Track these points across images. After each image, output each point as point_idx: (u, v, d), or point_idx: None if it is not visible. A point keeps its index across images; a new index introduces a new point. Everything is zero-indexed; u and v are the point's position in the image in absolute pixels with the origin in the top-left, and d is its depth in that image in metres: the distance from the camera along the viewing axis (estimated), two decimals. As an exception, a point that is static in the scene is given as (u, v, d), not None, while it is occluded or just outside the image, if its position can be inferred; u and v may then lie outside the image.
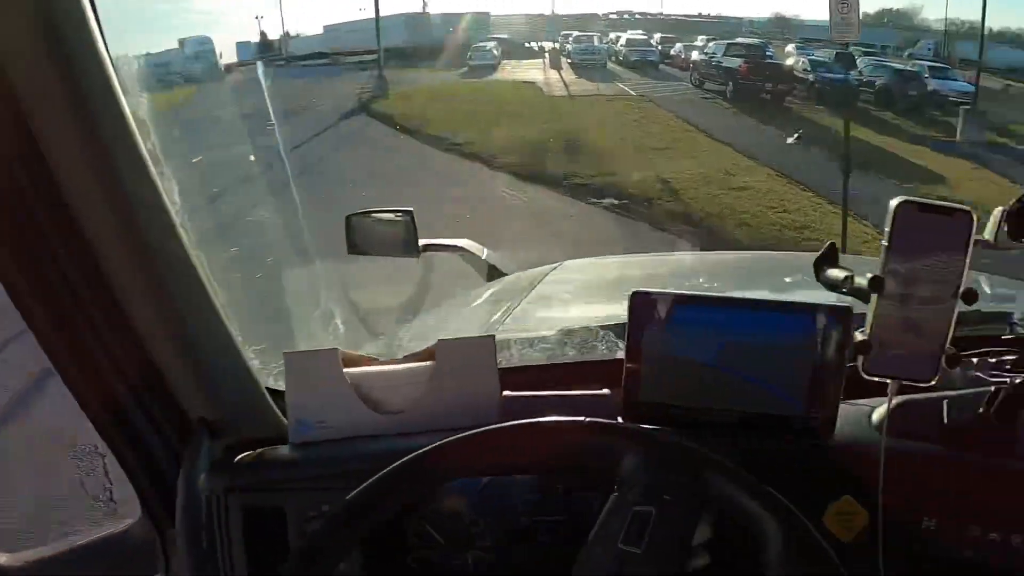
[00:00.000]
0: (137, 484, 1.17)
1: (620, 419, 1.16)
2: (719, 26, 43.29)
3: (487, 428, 1.01)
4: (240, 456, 1.22)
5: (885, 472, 1.06)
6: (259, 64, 26.60)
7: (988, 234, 1.09)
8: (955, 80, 21.56)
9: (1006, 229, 1.08)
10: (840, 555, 0.94)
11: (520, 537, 1.20)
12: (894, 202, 0.99)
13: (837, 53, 26.84)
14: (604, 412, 1.08)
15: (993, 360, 1.29)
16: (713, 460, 0.97)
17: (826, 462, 1.16)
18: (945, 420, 1.16)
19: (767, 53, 24.26)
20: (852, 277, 1.07)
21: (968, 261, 1.00)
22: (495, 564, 1.21)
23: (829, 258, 1.17)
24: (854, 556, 1.08)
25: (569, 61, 28.68)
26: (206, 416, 1.16)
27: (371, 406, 1.24)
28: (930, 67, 22.18)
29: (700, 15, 48.72)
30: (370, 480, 0.96)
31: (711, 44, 25.19)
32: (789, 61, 23.66)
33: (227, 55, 30.78)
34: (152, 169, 0.92)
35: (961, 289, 1.00)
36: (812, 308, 1.14)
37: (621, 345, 1.36)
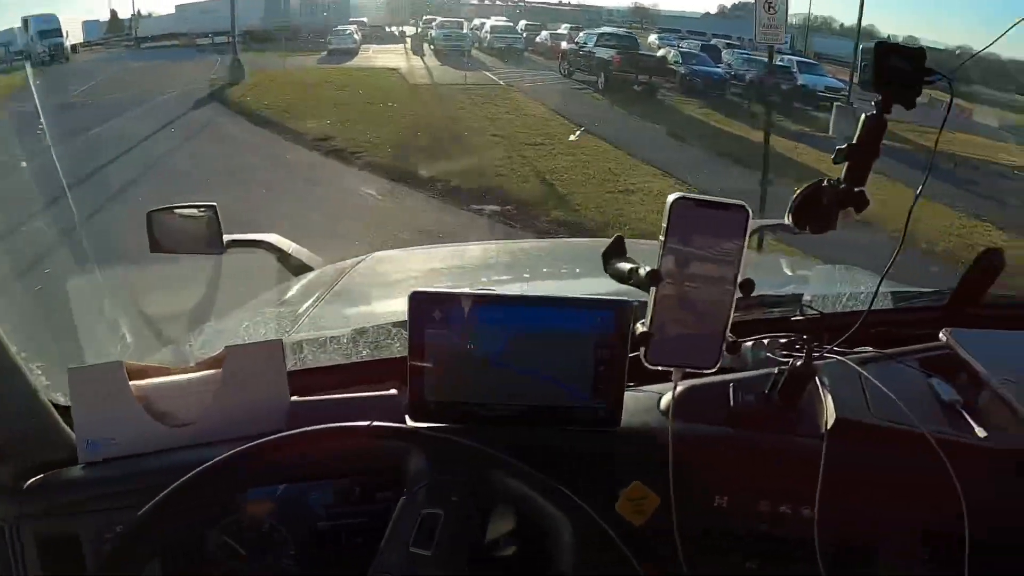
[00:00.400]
0: None
1: (407, 419, 1.16)
2: (580, 14, 44.14)
3: (272, 438, 1.02)
4: (32, 480, 1.16)
5: (673, 455, 1.11)
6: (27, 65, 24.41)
7: (787, 219, 1.29)
8: (823, 76, 22.02)
9: (790, 220, 1.29)
10: (635, 539, 1.04)
11: (321, 541, 1.21)
12: (670, 198, 1.03)
13: (702, 45, 27.26)
14: (391, 413, 1.13)
15: (783, 341, 1.35)
16: (497, 458, 1.03)
17: (614, 450, 1.20)
18: (731, 403, 1.26)
19: (638, 44, 24.17)
20: (636, 269, 1.09)
21: (744, 253, 1.05)
22: (298, 570, 1.21)
23: (617, 250, 1.20)
24: (650, 539, 1.15)
25: (432, 47, 28.07)
26: None
27: (160, 419, 1.21)
28: (799, 62, 22.45)
29: (561, 3, 49.53)
30: (157, 497, 0.96)
31: (581, 34, 24.97)
32: (660, 53, 23.75)
33: (74, 35, 28.96)
34: None
35: (739, 280, 1.05)
36: (593, 303, 1.18)
37: None
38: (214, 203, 2.31)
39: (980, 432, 1.24)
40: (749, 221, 1.04)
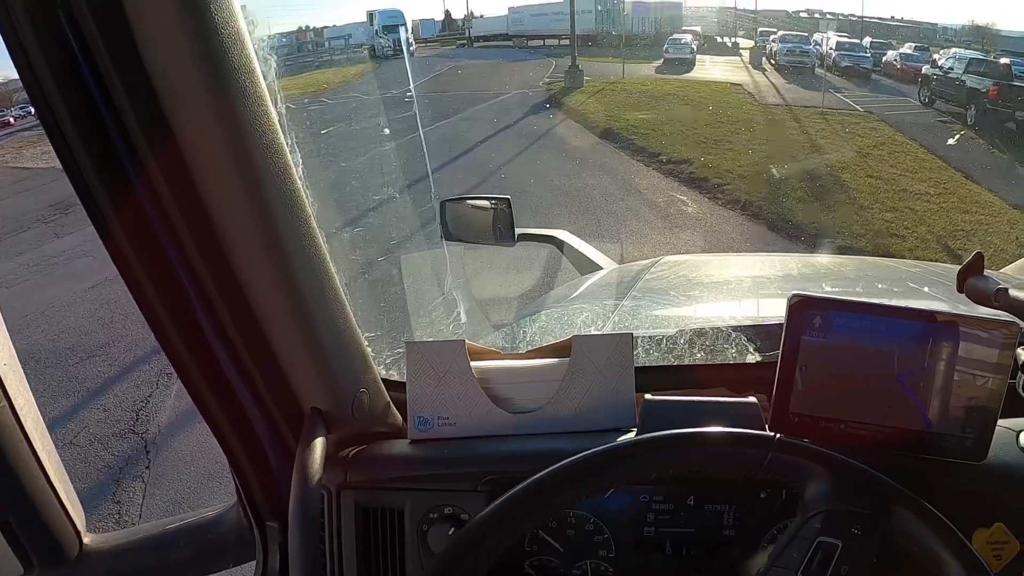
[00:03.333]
0: (240, 472, 1.13)
1: (768, 430, 1.08)
2: (911, 30, 41.40)
3: (670, 433, 0.99)
4: (355, 450, 1.21)
5: None
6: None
7: None
8: None
9: None
10: None
11: (645, 548, 1.19)
12: None
13: None
14: (751, 421, 1.11)
15: None
16: (902, 494, 0.97)
17: (977, 485, 1.12)
18: None
19: (1015, 73, 21.41)
20: (1007, 290, 1.07)
21: None
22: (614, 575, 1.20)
23: (974, 268, 1.16)
24: None
25: (772, 62, 26.73)
26: (320, 407, 1.11)
27: (500, 404, 1.21)
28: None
29: (893, 18, 46.52)
30: (519, 487, 0.94)
31: (943, 57, 22.40)
32: None
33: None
34: (288, 159, 0.89)
35: None
36: (975, 321, 1.08)
37: (751, 349, 1.40)
38: (507, 196, 2.33)
39: None
40: None
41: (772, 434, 1.00)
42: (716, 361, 1.45)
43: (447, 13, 37.72)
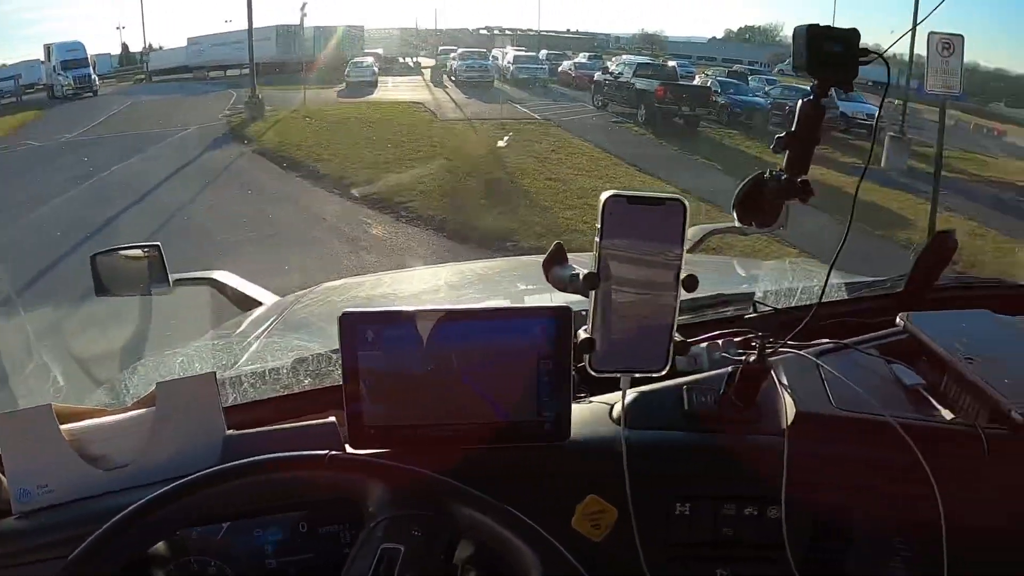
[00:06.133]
0: None
1: (347, 447, 1.12)
2: (587, 42, 44.23)
3: (206, 472, 0.98)
4: None
5: (628, 465, 1.09)
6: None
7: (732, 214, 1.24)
8: (863, 102, 21.09)
9: (735, 215, 1.24)
10: (595, 555, 1.06)
11: None
12: (603, 196, 1.02)
13: (728, 72, 26.69)
14: (331, 441, 1.12)
15: (737, 340, 1.36)
16: (459, 490, 0.98)
17: (567, 464, 1.16)
18: (685, 406, 1.22)
19: (679, 73, 23.62)
20: (577, 275, 1.10)
21: (684, 249, 1.03)
22: None
23: (557, 258, 1.20)
24: (614, 555, 1.12)
25: (453, 79, 27.61)
26: None
27: (94, 463, 1.17)
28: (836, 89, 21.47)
29: (569, 31, 49.56)
30: (79, 547, 0.91)
31: (613, 64, 24.24)
32: (696, 81, 23.28)
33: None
34: None
35: (681, 276, 1.04)
36: (531, 311, 1.15)
37: None
38: (158, 243, 2.30)
39: (947, 414, 1.25)
40: (687, 215, 1.03)
41: (323, 453, 0.99)
42: (324, 384, 1.41)
43: (124, 46, 35.34)
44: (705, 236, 2.80)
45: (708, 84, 21.89)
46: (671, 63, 27.18)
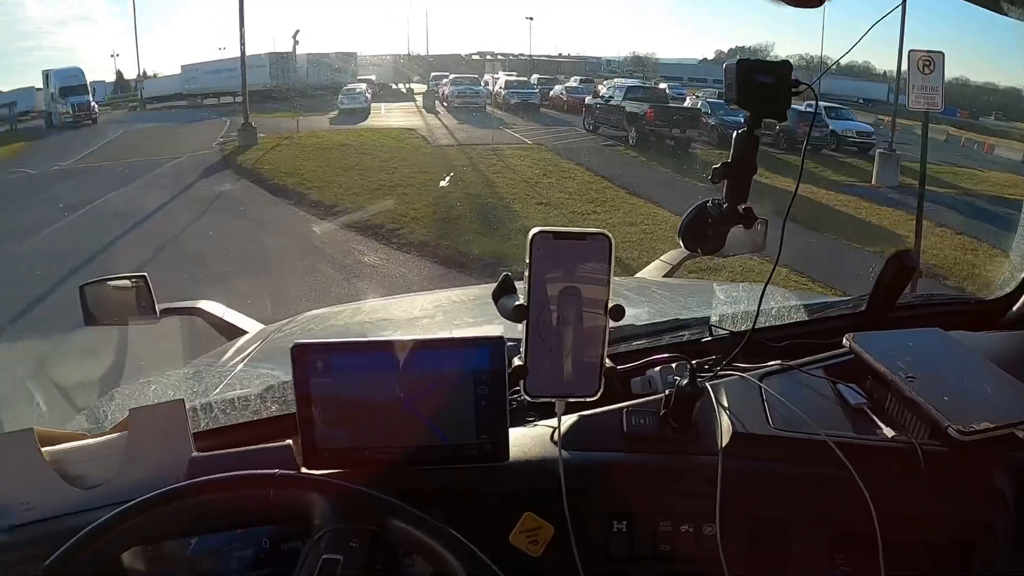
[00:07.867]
0: None
1: (303, 468, 1.18)
2: (579, 66, 44.35)
3: (168, 489, 1.04)
4: None
5: (566, 484, 1.16)
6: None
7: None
8: (853, 120, 21.42)
9: (681, 243, 1.35)
10: (534, 571, 1.16)
11: None
12: (531, 232, 1.10)
13: (718, 93, 26.82)
14: (287, 463, 1.17)
15: (692, 364, 1.33)
16: (395, 507, 1.05)
17: (507, 483, 1.22)
18: (624, 428, 1.28)
19: (669, 95, 23.76)
20: (523, 306, 1.13)
21: (611, 279, 1.12)
22: None
23: (505, 289, 1.21)
24: (550, 570, 1.19)
25: (445, 104, 27.80)
26: None
27: (73, 482, 1.23)
28: (826, 107, 21.57)
29: (561, 55, 49.72)
30: (52, 556, 0.97)
31: (603, 87, 24.45)
32: (687, 103, 23.23)
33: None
34: None
35: (609, 306, 1.12)
36: (469, 341, 1.20)
37: None
38: (144, 273, 2.34)
39: (887, 432, 1.30)
40: (612, 248, 1.12)
41: (272, 472, 1.06)
42: (290, 411, 1.40)
43: (119, 74, 35.30)
44: (683, 260, 3.02)
45: (698, 106, 21.86)
46: (662, 85, 27.37)
